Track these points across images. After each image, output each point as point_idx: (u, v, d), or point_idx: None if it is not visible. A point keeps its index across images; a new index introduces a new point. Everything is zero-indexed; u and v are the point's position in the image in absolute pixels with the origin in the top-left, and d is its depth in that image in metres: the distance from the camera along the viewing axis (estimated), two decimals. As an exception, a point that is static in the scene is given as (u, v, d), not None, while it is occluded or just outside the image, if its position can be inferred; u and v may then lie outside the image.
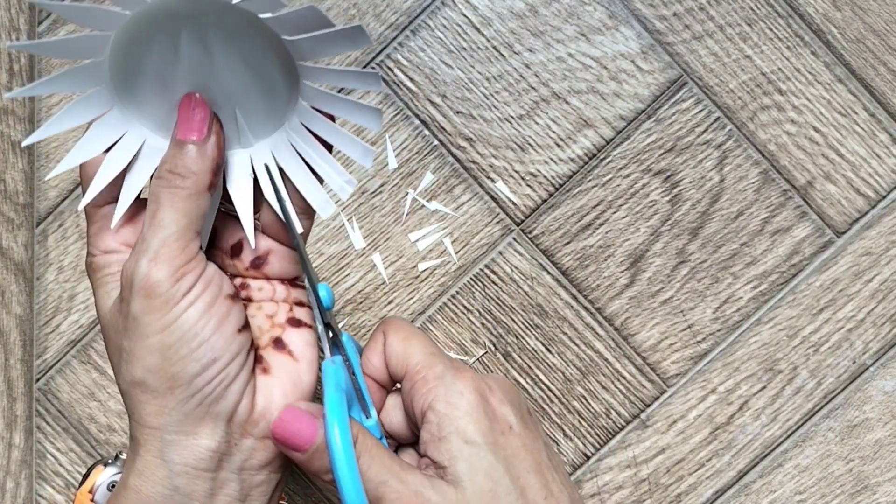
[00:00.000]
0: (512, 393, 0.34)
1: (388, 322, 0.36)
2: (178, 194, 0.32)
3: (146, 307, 0.31)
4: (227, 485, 0.33)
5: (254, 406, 0.33)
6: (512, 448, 0.33)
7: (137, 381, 0.31)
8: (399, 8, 0.52)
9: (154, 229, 0.31)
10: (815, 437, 0.51)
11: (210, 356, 0.31)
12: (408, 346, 0.35)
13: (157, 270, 0.31)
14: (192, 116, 0.32)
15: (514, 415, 0.33)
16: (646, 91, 0.51)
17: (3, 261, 0.54)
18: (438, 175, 0.52)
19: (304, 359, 0.35)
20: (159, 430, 0.32)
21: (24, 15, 0.54)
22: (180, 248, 0.31)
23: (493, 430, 0.32)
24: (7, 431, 0.54)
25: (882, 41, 0.51)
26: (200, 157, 0.32)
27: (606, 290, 0.52)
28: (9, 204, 0.54)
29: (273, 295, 0.36)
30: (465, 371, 0.34)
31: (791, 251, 0.51)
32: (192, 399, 0.31)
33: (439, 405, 0.32)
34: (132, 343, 0.31)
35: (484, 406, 0.33)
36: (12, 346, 0.54)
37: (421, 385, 0.33)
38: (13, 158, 0.54)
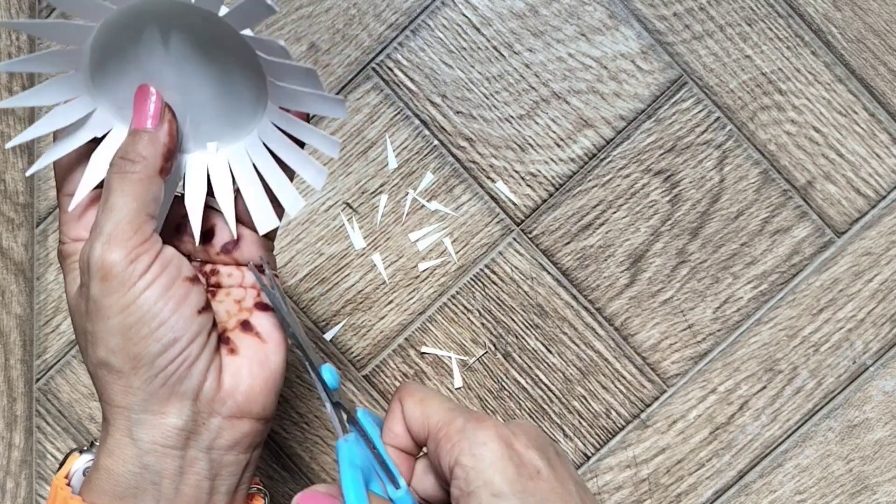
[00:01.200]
0: (537, 437, 0.34)
1: (403, 389, 0.36)
2: (128, 178, 0.33)
3: (104, 289, 0.32)
4: (196, 463, 0.34)
5: (221, 385, 0.34)
6: (542, 493, 0.32)
7: (102, 361, 0.32)
8: (399, 8, 0.52)
9: (106, 213, 0.32)
10: (815, 437, 0.51)
11: (171, 336, 0.32)
12: (426, 408, 0.35)
13: (111, 252, 0.32)
14: (145, 107, 0.34)
15: (540, 459, 0.33)
16: (646, 91, 0.51)
17: (3, 261, 0.54)
18: (438, 175, 0.52)
19: (271, 340, 0.36)
20: (126, 409, 0.33)
21: (24, 15, 0.54)
22: (132, 230, 0.32)
23: (520, 476, 0.32)
24: (7, 431, 0.54)
25: (882, 41, 0.51)
26: (151, 143, 0.33)
27: (606, 290, 0.52)
28: (9, 204, 0.54)
29: (242, 281, 0.37)
30: (487, 420, 0.34)
31: (791, 251, 0.51)
32: (156, 378, 0.32)
33: (465, 459, 0.32)
34: (94, 325, 0.32)
35: (509, 453, 0.33)
36: (12, 346, 0.54)
37: (445, 442, 0.33)
38: (13, 158, 0.54)
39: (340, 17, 0.52)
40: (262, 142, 0.35)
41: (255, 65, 0.33)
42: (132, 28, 0.33)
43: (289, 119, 0.34)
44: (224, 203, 0.36)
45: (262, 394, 0.35)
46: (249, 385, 0.35)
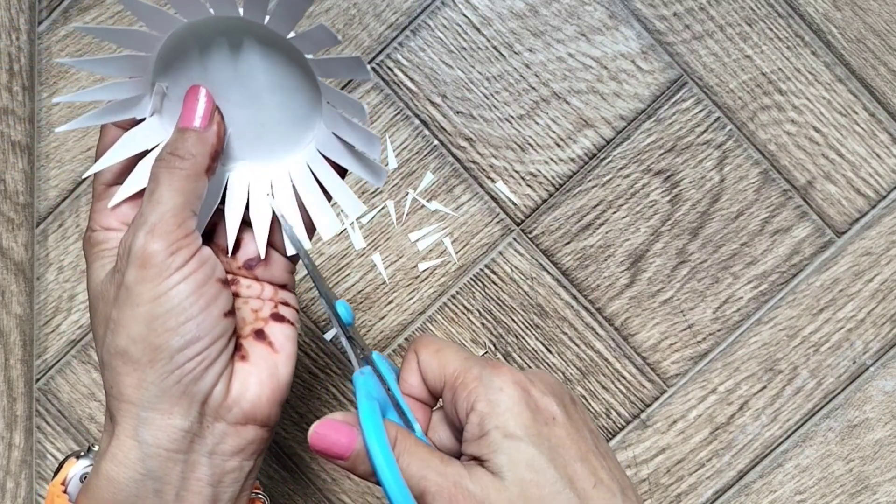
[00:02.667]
0: (554, 384, 0.34)
1: (418, 340, 0.36)
2: (175, 174, 0.33)
3: (140, 276, 0.32)
4: (199, 468, 0.33)
5: (229, 391, 0.34)
6: (557, 438, 0.33)
7: (120, 350, 0.32)
8: (399, 8, 0.52)
9: (152, 205, 0.32)
10: (816, 437, 0.51)
11: (194, 333, 0.32)
12: (442, 357, 0.35)
13: (153, 242, 0.32)
14: (195, 106, 0.34)
15: (556, 405, 0.33)
16: (646, 91, 0.51)
17: (3, 261, 0.54)
18: (438, 175, 0.52)
19: (283, 351, 0.36)
20: (136, 405, 0.32)
21: (24, 15, 0.54)
22: (176, 223, 0.32)
23: (535, 421, 0.32)
24: (7, 431, 0.54)
25: (882, 41, 0.51)
26: (200, 142, 0.34)
27: (606, 290, 0.52)
28: (9, 204, 0.54)
29: (261, 293, 0.37)
30: (503, 367, 0.34)
31: (791, 251, 0.51)
32: (171, 375, 0.32)
33: (480, 405, 0.33)
34: (120, 312, 0.32)
35: (526, 399, 0.33)
36: (12, 346, 0.54)
37: (461, 389, 0.33)
38: (13, 158, 0.54)
39: (340, 17, 0.52)
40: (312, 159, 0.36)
41: (313, 89, 0.34)
42: (201, 41, 0.33)
43: (338, 147, 0.35)
44: (260, 220, 0.36)
45: (269, 403, 0.35)
46: (257, 394, 0.34)
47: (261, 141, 0.36)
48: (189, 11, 0.32)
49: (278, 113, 0.35)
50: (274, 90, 0.34)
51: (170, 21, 0.32)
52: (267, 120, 0.35)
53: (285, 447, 0.53)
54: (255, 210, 0.36)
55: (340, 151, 0.35)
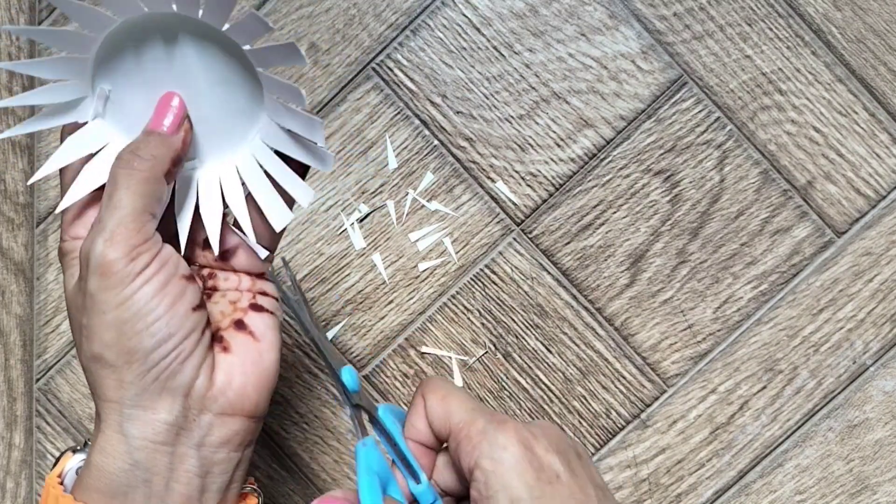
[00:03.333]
0: (558, 439, 0.34)
1: (426, 384, 0.36)
2: (135, 176, 0.33)
3: (102, 285, 0.32)
4: (187, 460, 0.34)
5: (213, 382, 0.34)
6: (560, 498, 0.32)
7: (96, 355, 0.33)
8: (399, 8, 0.52)
9: (110, 210, 0.32)
10: (816, 437, 0.51)
11: (165, 332, 0.33)
12: (447, 405, 0.35)
13: (112, 250, 0.32)
14: (166, 111, 0.34)
15: (560, 463, 0.33)
16: (646, 91, 0.51)
17: (3, 261, 0.54)
18: (438, 175, 0.52)
19: (265, 339, 0.36)
20: (118, 403, 0.33)
21: (24, 15, 0.54)
22: (136, 228, 0.32)
23: (539, 480, 0.32)
24: (7, 431, 0.54)
25: (882, 41, 0.51)
26: (163, 144, 0.34)
27: (606, 290, 0.52)
28: (9, 204, 0.54)
29: (238, 285, 0.37)
30: (508, 423, 0.34)
31: (791, 251, 0.51)
32: (148, 373, 0.33)
33: (484, 462, 0.33)
34: (90, 319, 0.33)
35: (529, 457, 0.33)
36: (12, 346, 0.54)
37: (465, 443, 0.33)
38: (13, 158, 0.54)
39: (340, 17, 0.52)
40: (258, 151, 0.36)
41: (253, 81, 0.33)
42: (137, 40, 0.33)
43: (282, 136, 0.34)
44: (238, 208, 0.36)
45: (255, 392, 0.35)
46: (242, 383, 0.35)
47: (206, 138, 0.36)
48: (123, 9, 0.32)
49: (220, 108, 0.35)
50: (214, 86, 0.34)
51: (104, 20, 0.32)
52: (209, 116, 0.35)
53: (285, 447, 0.53)
54: (233, 201, 0.36)
55: (285, 140, 0.35)
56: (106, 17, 0.32)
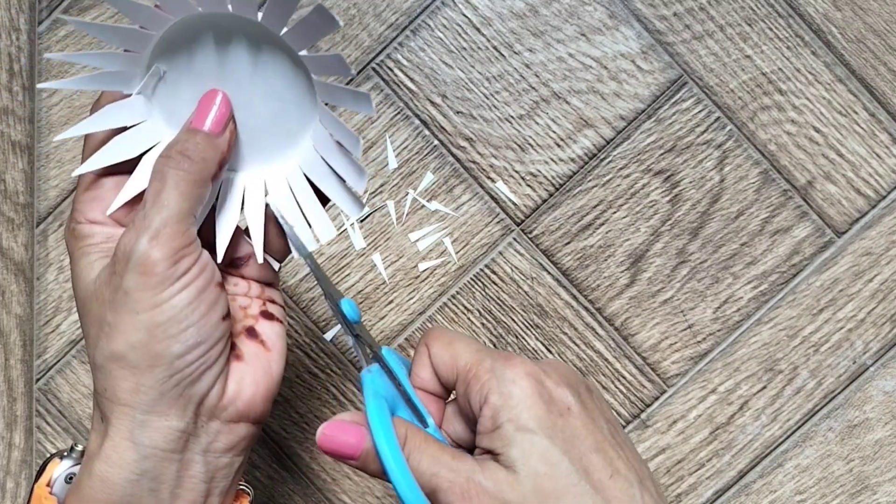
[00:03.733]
0: (569, 374, 0.34)
1: (429, 333, 0.36)
2: (184, 177, 0.32)
3: (141, 284, 0.31)
4: (193, 466, 0.33)
5: (225, 391, 0.34)
6: (571, 429, 0.32)
7: (118, 355, 0.32)
8: (399, 8, 0.52)
9: (158, 208, 0.32)
10: (816, 437, 0.51)
11: (195, 339, 0.32)
12: (453, 350, 0.34)
13: (157, 250, 0.31)
14: (211, 109, 0.33)
15: (572, 395, 0.33)
16: (646, 91, 0.51)
17: (3, 261, 0.54)
18: (438, 175, 0.52)
19: (274, 349, 0.36)
20: (132, 407, 0.32)
21: (24, 15, 0.54)
22: (181, 230, 0.32)
23: (549, 413, 0.32)
24: (7, 431, 0.54)
25: (882, 41, 0.51)
26: (212, 146, 0.33)
27: (606, 290, 0.52)
28: (9, 204, 0.54)
29: (248, 291, 0.37)
30: (516, 358, 0.33)
31: (791, 251, 0.51)
32: (170, 379, 0.32)
33: (493, 397, 0.32)
34: (118, 317, 0.32)
35: (539, 390, 0.32)
36: (12, 346, 0.54)
37: (474, 382, 0.33)
38: (13, 158, 0.54)
39: (340, 17, 0.52)
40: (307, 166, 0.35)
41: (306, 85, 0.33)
42: (191, 40, 0.33)
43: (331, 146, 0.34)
44: (255, 224, 0.36)
45: (262, 401, 0.35)
46: (252, 393, 0.34)
47: (251, 147, 0.35)
48: (177, 9, 0.31)
49: (266, 118, 0.34)
50: (267, 99, 0.34)
51: (161, 20, 0.32)
52: (257, 126, 0.35)
53: (285, 447, 0.53)
54: (251, 213, 0.36)
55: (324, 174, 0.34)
56: (162, 17, 0.32)
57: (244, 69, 0.33)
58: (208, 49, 0.33)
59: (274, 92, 0.34)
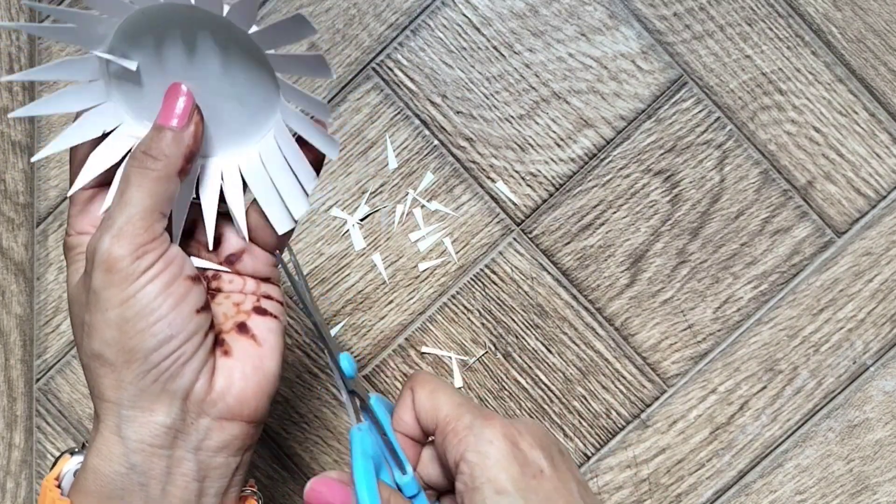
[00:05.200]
0: (542, 436, 0.35)
1: (415, 378, 0.37)
2: (147, 175, 0.33)
3: (106, 281, 0.32)
4: (184, 464, 0.34)
5: (212, 386, 0.34)
6: (544, 492, 0.33)
7: (96, 353, 0.33)
8: (399, 8, 0.52)
9: (120, 207, 0.32)
10: (816, 438, 0.51)
11: (167, 332, 0.32)
12: (435, 400, 0.35)
13: (119, 247, 0.32)
14: (174, 104, 0.34)
15: (544, 458, 0.34)
16: (646, 91, 0.51)
17: (3, 261, 0.54)
18: (438, 175, 0.52)
19: (266, 344, 0.36)
20: (117, 404, 0.33)
21: (24, 15, 0.54)
22: (144, 227, 0.32)
23: (524, 475, 0.33)
24: (7, 431, 0.54)
25: (882, 41, 0.51)
26: (175, 142, 0.33)
27: (607, 290, 0.52)
28: (9, 204, 0.54)
29: (243, 287, 0.37)
30: (494, 418, 0.34)
31: (791, 251, 0.51)
32: (148, 374, 0.32)
33: (470, 455, 0.33)
34: (92, 316, 0.32)
35: (514, 452, 0.33)
36: (12, 346, 0.54)
37: (452, 437, 0.34)
38: (13, 158, 0.54)
39: (340, 17, 0.52)
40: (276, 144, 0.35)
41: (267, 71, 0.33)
42: (155, 28, 0.33)
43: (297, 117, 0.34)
44: (236, 208, 0.36)
45: (255, 397, 0.35)
46: (242, 388, 0.35)
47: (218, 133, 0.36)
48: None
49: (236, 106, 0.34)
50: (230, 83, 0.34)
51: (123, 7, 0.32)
52: (223, 113, 0.35)
53: (285, 447, 0.53)
54: (231, 198, 0.36)
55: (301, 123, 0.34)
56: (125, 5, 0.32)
57: (210, 59, 0.33)
58: (175, 40, 0.33)
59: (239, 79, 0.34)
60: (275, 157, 0.35)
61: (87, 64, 0.34)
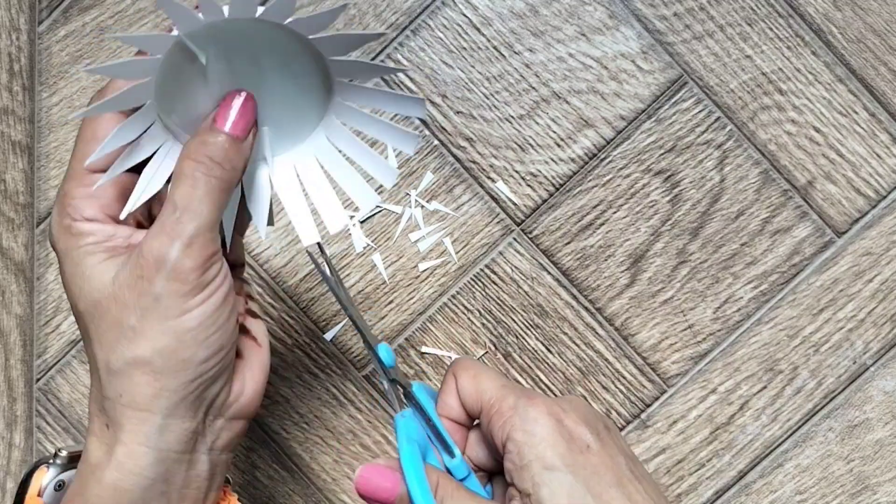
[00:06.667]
0: (586, 411, 0.35)
1: (457, 363, 0.37)
2: (217, 185, 0.32)
3: (172, 290, 0.31)
4: (198, 465, 0.34)
5: (231, 389, 0.35)
6: (592, 466, 0.33)
7: (141, 360, 0.31)
8: (399, 8, 0.52)
9: (191, 215, 0.31)
10: (816, 438, 0.51)
11: (219, 343, 0.32)
12: (479, 383, 0.36)
13: (190, 259, 0.31)
14: (234, 111, 0.33)
15: (590, 433, 0.34)
16: (646, 91, 0.51)
17: (3, 261, 0.54)
18: (438, 175, 0.52)
19: (263, 345, 0.37)
20: (152, 413, 0.32)
21: (24, 15, 0.54)
22: (212, 239, 0.32)
23: (571, 450, 0.33)
24: (7, 431, 0.54)
25: (882, 41, 0.51)
26: (240, 152, 0.33)
27: (607, 290, 0.52)
28: (9, 204, 0.54)
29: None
30: (538, 397, 0.35)
31: (791, 251, 0.51)
32: (192, 382, 0.32)
33: (517, 435, 0.34)
34: (146, 322, 0.31)
35: (560, 429, 0.34)
36: (12, 346, 0.54)
37: (497, 418, 0.35)
38: (13, 158, 0.54)
39: (341, 16, 0.52)
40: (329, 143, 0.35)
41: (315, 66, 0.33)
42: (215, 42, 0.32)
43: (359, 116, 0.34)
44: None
45: (258, 396, 0.36)
46: (253, 389, 0.35)
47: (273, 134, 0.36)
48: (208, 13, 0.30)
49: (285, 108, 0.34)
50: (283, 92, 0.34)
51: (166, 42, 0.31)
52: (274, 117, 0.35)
53: (285, 447, 0.53)
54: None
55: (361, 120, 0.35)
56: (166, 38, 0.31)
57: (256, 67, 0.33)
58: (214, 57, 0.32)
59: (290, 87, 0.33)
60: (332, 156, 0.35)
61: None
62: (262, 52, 0.32)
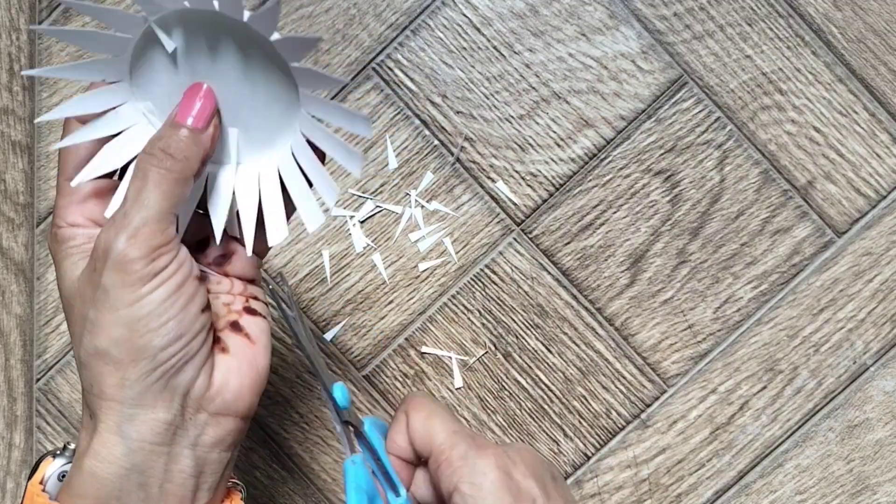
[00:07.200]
0: (535, 464, 0.35)
1: (410, 401, 0.37)
2: (166, 176, 0.32)
3: (118, 281, 0.32)
4: (181, 460, 0.34)
5: (212, 382, 0.34)
6: None
7: (101, 351, 0.32)
8: (399, 8, 0.52)
9: (138, 207, 0.32)
10: (816, 438, 0.51)
11: (176, 331, 0.32)
12: (430, 427, 0.36)
13: (134, 249, 0.32)
14: (195, 103, 0.34)
15: (538, 487, 0.34)
16: (646, 91, 0.51)
17: (3, 261, 0.54)
18: (438, 175, 0.52)
19: (259, 343, 0.37)
20: (119, 402, 0.33)
21: (24, 15, 0.54)
22: (160, 230, 0.32)
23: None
24: (7, 431, 0.54)
25: (882, 41, 0.51)
26: (195, 144, 0.33)
27: (607, 290, 0.52)
28: (9, 204, 0.54)
29: (230, 289, 0.37)
30: (488, 448, 0.35)
31: (791, 251, 0.51)
32: (154, 372, 0.32)
33: (464, 487, 0.34)
34: (99, 313, 0.32)
35: (507, 483, 0.34)
36: (12, 346, 0.54)
37: (446, 466, 0.35)
38: (13, 158, 0.54)
39: (340, 17, 0.52)
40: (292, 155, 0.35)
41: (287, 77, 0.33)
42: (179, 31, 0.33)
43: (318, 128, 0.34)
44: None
45: (249, 394, 0.36)
46: (239, 384, 0.35)
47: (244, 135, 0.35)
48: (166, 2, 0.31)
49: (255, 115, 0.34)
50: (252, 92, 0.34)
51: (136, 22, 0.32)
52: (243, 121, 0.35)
53: (285, 447, 0.53)
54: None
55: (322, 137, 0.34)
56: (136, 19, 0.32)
57: (233, 66, 0.33)
58: (199, 44, 0.33)
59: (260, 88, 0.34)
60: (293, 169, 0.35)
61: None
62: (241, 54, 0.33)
